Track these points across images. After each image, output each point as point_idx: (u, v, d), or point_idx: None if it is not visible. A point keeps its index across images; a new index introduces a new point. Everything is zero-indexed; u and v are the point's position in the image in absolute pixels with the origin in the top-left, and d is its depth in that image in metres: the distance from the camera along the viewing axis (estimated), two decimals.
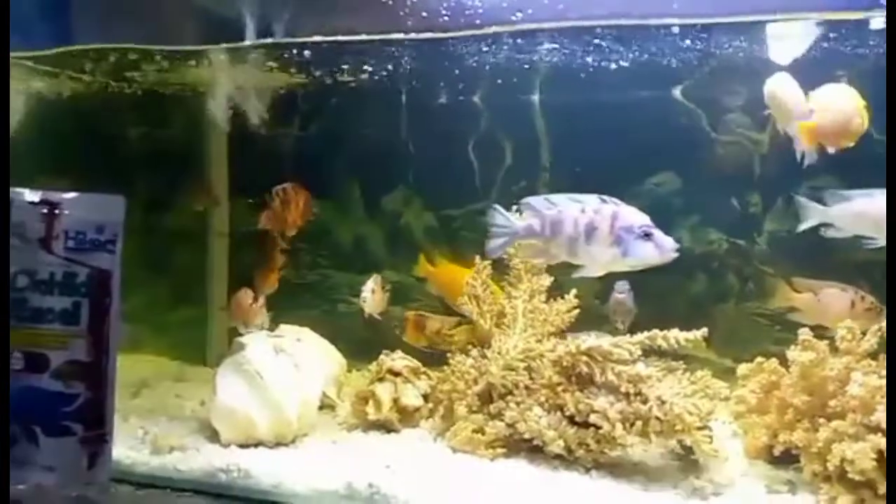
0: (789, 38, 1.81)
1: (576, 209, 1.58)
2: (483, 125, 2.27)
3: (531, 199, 1.64)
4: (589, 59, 1.96)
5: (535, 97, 2.22)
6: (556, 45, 1.86)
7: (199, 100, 2.15)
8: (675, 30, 1.71)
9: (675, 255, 1.53)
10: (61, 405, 1.41)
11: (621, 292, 2.01)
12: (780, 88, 1.64)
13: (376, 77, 2.06)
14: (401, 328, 2.12)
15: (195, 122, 2.26)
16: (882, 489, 1.38)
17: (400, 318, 2.21)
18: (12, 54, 1.70)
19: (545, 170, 2.26)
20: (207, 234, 2.37)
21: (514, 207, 1.90)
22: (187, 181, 2.25)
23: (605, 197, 1.57)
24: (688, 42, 1.83)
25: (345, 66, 2.01)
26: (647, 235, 1.53)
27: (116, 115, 2.21)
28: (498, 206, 1.67)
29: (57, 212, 1.43)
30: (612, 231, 1.54)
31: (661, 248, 1.53)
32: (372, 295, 2.07)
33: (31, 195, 1.45)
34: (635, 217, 1.55)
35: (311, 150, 2.35)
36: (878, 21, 1.70)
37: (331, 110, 2.28)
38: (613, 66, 2.00)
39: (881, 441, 1.38)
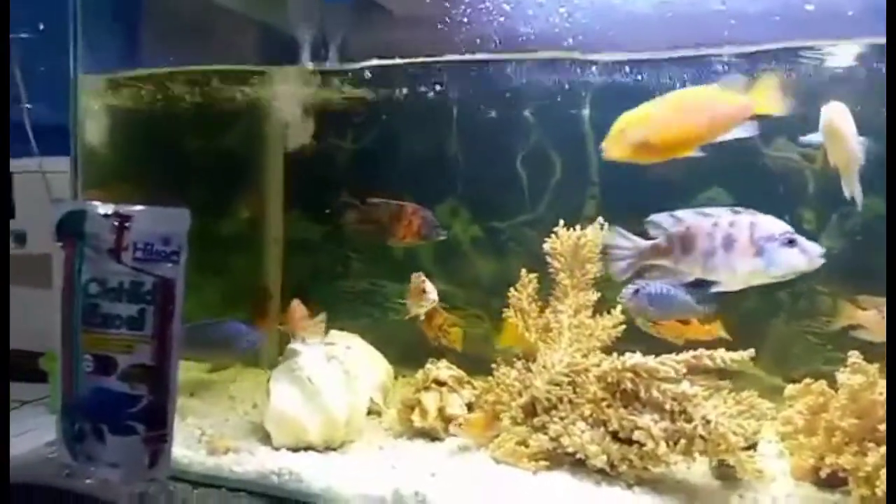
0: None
1: (707, 223, 1.52)
2: (532, 139, 2.29)
3: (655, 217, 1.58)
4: (639, 77, 1.96)
5: (586, 112, 2.23)
6: (604, 69, 1.88)
7: (258, 115, 2.24)
8: (725, 59, 1.71)
9: (822, 260, 1.46)
10: (126, 406, 1.49)
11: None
12: (838, 120, 1.58)
13: (428, 94, 2.10)
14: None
15: (254, 136, 2.35)
16: None
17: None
18: (89, 75, 1.84)
19: (594, 184, 2.26)
20: (262, 241, 2.46)
21: (562, 222, 1.96)
22: (244, 191, 2.34)
23: (737, 208, 1.51)
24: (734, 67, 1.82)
25: (397, 84, 2.06)
26: (790, 242, 1.46)
27: (183, 131, 2.32)
28: (619, 228, 1.63)
29: (127, 224, 1.52)
30: (752, 242, 1.47)
31: (807, 254, 1.46)
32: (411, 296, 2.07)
33: (103, 208, 1.54)
34: (775, 225, 1.48)
35: (363, 163, 2.41)
36: None
37: (383, 125, 2.33)
38: (664, 81, 1.99)
39: None
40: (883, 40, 1.50)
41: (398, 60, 1.84)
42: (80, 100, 1.98)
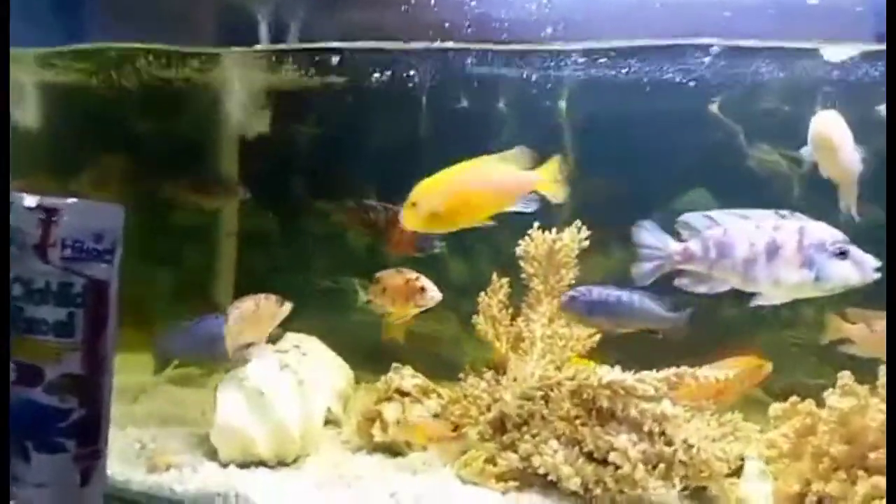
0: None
1: (748, 227, 1.38)
2: (506, 134, 2.16)
3: (687, 217, 1.43)
4: (622, 73, 1.86)
5: (562, 106, 2.12)
6: (586, 60, 1.76)
7: (210, 99, 2.08)
8: (715, 49, 1.60)
9: (878, 275, 1.31)
10: (55, 420, 1.35)
11: None
12: (828, 130, 1.48)
13: (394, 80, 1.97)
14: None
15: (206, 122, 2.19)
16: None
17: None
18: (27, 50, 1.67)
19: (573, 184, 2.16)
20: (215, 233, 2.31)
21: (537, 224, 1.84)
22: (199, 179, 2.18)
23: (782, 211, 1.38)
24: (723, 62, 1.72)
25: (361, 69, 1.92)
26: (842, 254, 1.32)
27: (128, 111, 2.14)
28: (647, 223, 1.47)
29: (55, 218, 1.36)
30: (800, 250, 1.34)
31: (860, 268, 1.32)
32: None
33: (28, 200, 1.38)
34: (826, 233, 1.34)
35: (324, 151, 2.26)
36: None
37: (346, 111, 2.19)
38: (645, 79, 1.89)
39: None
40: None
41: (359, 45, 1.68)
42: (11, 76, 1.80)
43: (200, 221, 2.30)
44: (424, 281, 1.77)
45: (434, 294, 1.76)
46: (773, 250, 1.35)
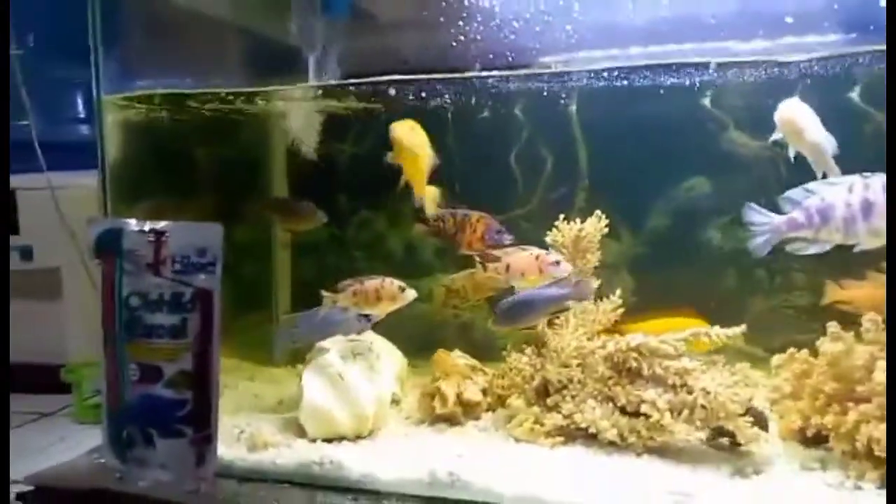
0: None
1: (842, 191, 1.59)
2: (524, 137, 2.43)
3: (790, 193, 1.66)
4: (640, 81, 2.12)
5: (573, 108, 2.38)
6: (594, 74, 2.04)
7: (265, 129, 2.34)
8: (713, 66, 1.87)
9: None
10: (173, 410, 1.60)
11: None
12: (789, 114, 1.73)
13: (424, 101, 2.23)
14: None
15: (262, 148, 2.46)
16: None
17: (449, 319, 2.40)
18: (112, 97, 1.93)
19: (584, 177, 2.42)
20: (272, 246, 2.58)
21: (562, 216, 2.12)
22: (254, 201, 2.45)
23: (866, 173, 1.58)
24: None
25: (396, 93, 2.19)
26: None
27: (197, 144, 2.41)
28: (752, 205, 1.70)
29: (163, 239, 1.62)
30: None
31: None
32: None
33: (139, 225, 1.64)
34: None
35: (363, 166, 2.53)
36: None
37: (382, 129, 2.45)
38: (647, 81, 2.15)
39: None
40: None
41: (400, 77, 1.96)
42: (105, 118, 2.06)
43: (258, 237, 2.57)
44: (396, 282, 2.02)
45: (409, 293, 2.02)
46: (867, 206, 1.58)
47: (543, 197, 2.43)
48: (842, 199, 1.60)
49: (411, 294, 2.02)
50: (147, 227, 1.64)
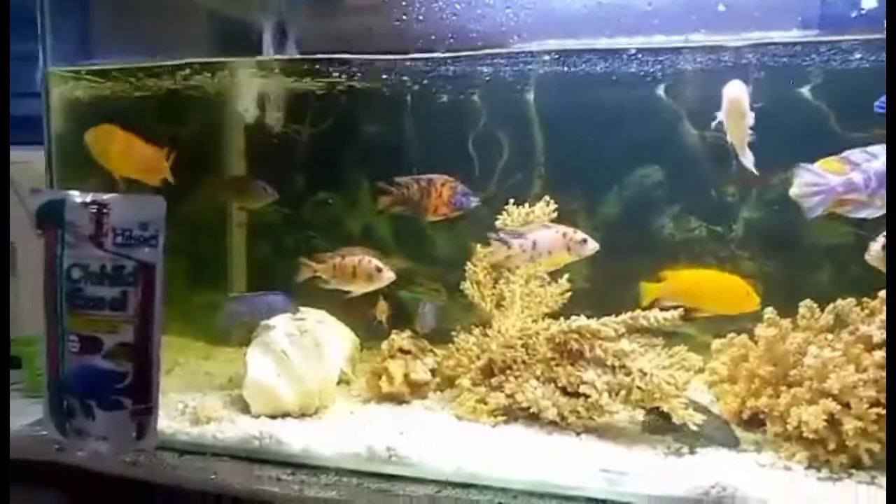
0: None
1: None
2: (481, 123, 2.44)
3: (850, 154, 1.57)
4: (583, 66, 2.14)
5: (531, 96, 2.40)
6: (551, 59, 2.06)
7: (221, 105, 2.33)
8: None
9: None
10: (113, 382, 1.60)
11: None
12: (737, 96, 1.72)
13: (385, 82, 2.24)
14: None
15: (218, 125, 2.45)
16: (832, 446, 1.59)
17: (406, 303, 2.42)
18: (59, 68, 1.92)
19: (540, 164, 2.44)
20: (227, 225, 2.57)
21: (512, 200, 2.13)
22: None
23: None
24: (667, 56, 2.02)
25: (356, 73, 2.19)
26: None
27: (148, 118, 2.39)
28: (808, 165, 1.61)
29: (105, 211, 1.62)
30: None
31: None
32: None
33: (81, 197, 1.63)
34: None
35: (322, 147, 2.53)
36: None
37: (341, 110, 2.46)
38: (601, 69, 2.17)
39: (832, 405, 1.59)
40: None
41: (352, 56, 1.96)
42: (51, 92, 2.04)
43: (213, 215, 2.56)
44: (377, 261, 2.04)
45: (388, 274, 2.03)
46: None
47: (499, 182, 2.44)
48: None
49: (388, 276, 2.03)
50: (89, 199, 1.63)
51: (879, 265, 1.70)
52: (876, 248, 1.71)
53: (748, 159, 1.76)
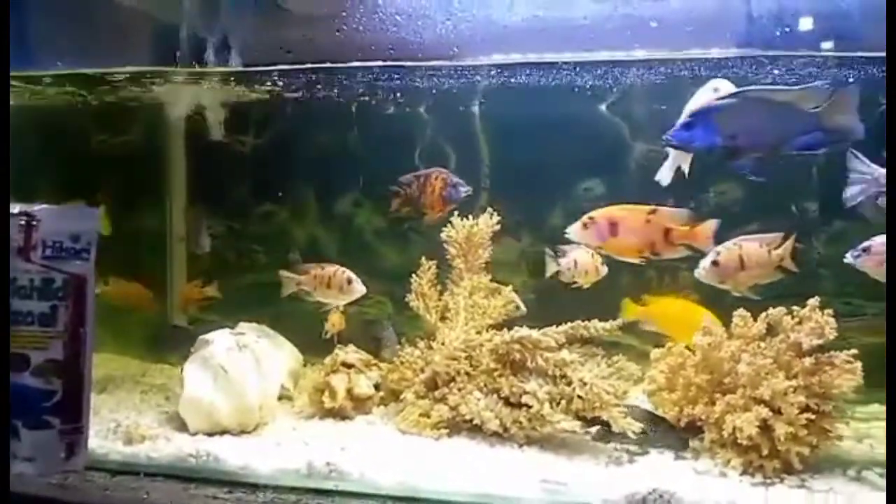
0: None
1: None
2: (428, 136, 2.45)
3: None
4: (524, 79, 2.17)
5: (476, 110, 2.42)
6: (494, 72, 2.08)
7: (160, 115, 2.28)
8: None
9: None
10: (41, 400, 1.54)
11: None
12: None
13: (329, 92, 2.23)
14: None
15: (156, 136, 2.40)
16: (765, 451, 1.63)
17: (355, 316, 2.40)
18: None
19: (486, 176, 2.46)
20: (166, 238, 2.51)
21: (456, 213, 2.14)
22: (148, 191, 2.38)
23: None
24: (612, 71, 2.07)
25: (299, 83, 2.18)
26: None
27: (85, 127, 2.33)
28: (856, 152, 1.60)
29: (34, 223, 1.56)
30: None
31: None
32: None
33: (10, 208, 1.57)
34: None
35: (267, 157, 2.50)
36: None
37: (285, 120, 2.44)
38: (546, 84, 2.21)
39: (764, 411, 1.63)
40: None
41: (297, 66, 1.95)
42: None
43: (153, 227, 2.50)
44: (349, 274, 2.06)
45: (358, 286, 2.04)
46: None
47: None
48: None
49: (359, 289, 2.04)
50: (17, 210, 1.57)
51: (707, 280, 1.85)
52: (705, 265, 1.85)
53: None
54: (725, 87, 1.87)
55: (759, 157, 1.63)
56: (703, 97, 1.79)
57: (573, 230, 1.88)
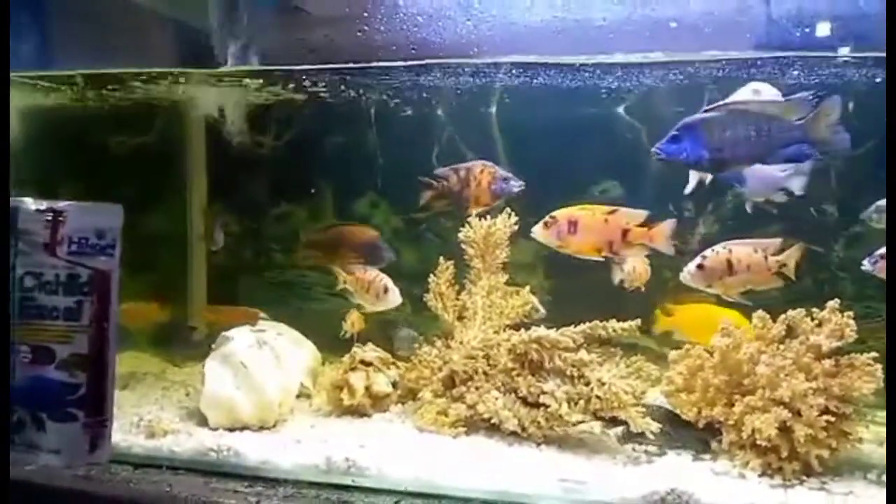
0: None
1: None
2: (445, 136, 2.46)
3: None
4: (543, 80, 2.18)
5: (493, 111, 2.43)
6: (513, 72, 2.09)
7: (182, 115, 2.32)
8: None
9: None
10: (66, 394, 1.56)
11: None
12: None
13: (349, 93, 2.25)
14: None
15: (178, 137, 2.43)
16: (784, 453, 1.63)
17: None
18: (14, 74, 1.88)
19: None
20: (188, 238, 2.54)
21: (475, 213, 2.14)
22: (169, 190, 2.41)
23: None
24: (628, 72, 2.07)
25: (320, 84, 2.20)
26: None
27: (107, 128, 2.37)
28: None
29: (61, 219, 1.59)
30: None
31: None
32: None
33: (36, 204, 1.60)
34: None
35: (286, 158, 2.53)
36: None
37: (305, 122, 2.46)
38: (565, 85, 2.22)
39: (783, 413, 1.63)
40: None
41: (317, 67, 1.97)
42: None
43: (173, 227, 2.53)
44: (387, 282, 2.07)
45: (393, 297, 2.07)
46: None
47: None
48: None
49: (393, 299, 2.08)
50: (44, 207, 1.60)
51: (693, 284, 1.89)
52: (690, 268, 1.89)
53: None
54: (766, 89, 1.90)
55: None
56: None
57: (536, 229, 1.92)
